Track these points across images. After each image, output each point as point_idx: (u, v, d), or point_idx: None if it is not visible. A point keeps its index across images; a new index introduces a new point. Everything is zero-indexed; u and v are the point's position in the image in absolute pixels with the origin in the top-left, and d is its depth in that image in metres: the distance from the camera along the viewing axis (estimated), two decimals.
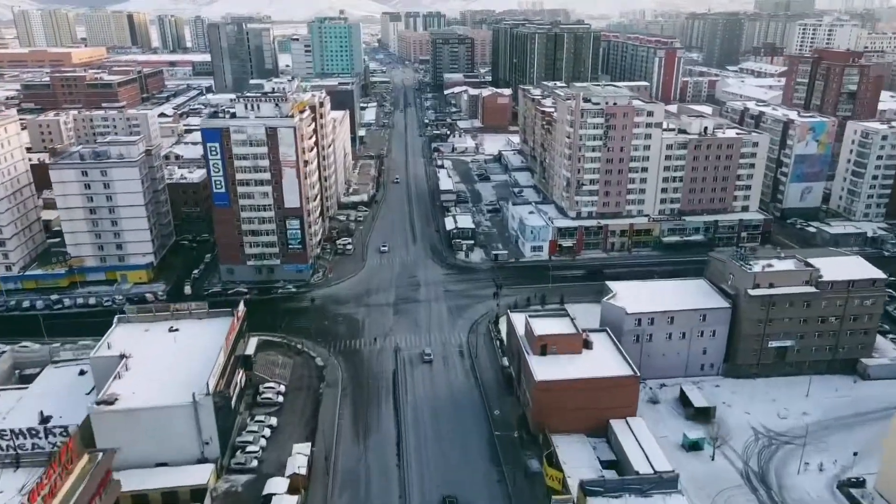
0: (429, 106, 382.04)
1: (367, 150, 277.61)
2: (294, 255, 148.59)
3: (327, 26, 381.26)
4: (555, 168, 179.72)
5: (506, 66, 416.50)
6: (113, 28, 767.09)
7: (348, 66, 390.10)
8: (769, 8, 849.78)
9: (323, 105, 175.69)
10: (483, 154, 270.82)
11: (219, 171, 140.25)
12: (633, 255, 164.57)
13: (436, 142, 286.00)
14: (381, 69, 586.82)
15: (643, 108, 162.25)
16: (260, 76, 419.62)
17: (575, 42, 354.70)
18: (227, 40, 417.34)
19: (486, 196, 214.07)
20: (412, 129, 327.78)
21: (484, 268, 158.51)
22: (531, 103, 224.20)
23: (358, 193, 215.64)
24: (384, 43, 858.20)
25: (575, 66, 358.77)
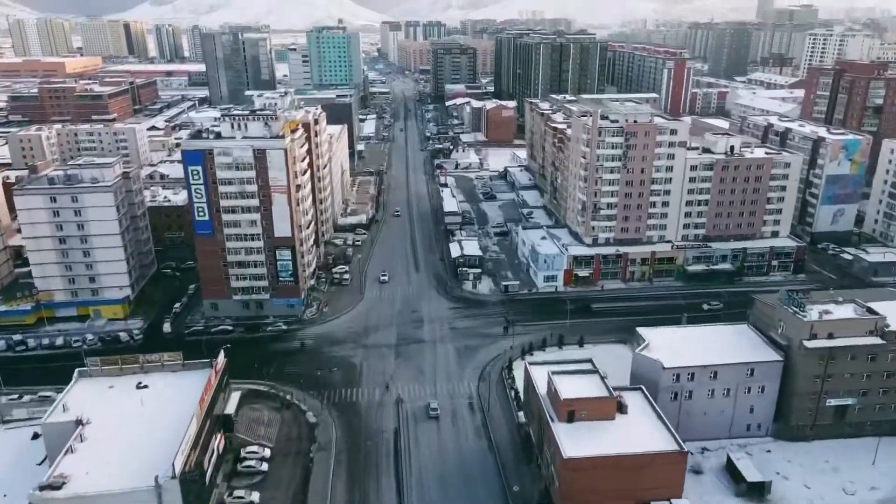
0: (430, 118, 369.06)
1: (366, 166, 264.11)
2: (285, 289, 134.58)
3: (325, 36, 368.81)
4: (568, 190, 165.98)
5: (509, 76, 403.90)
6: (109, 37, 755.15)
7: (347, 77, 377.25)
8: (772, 17, 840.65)
9: (318, 122, 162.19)
10: (488, 170, 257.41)
11: (201, 197, 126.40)
12: (654, 285, 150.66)
13: (438, 157, 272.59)
14: (380, 79, 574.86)
15: (666, 125, 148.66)
16: (256, 87, 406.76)
17: (581, 53, 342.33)
18: (222, 50, 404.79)
19: (493, 217, 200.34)
20: (413, 143, 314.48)
21: (493, 300, 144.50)
22: (540, 118, 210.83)
23: (356, 214, 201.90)
24: (384, 52, 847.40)
25: (581, 78, 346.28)
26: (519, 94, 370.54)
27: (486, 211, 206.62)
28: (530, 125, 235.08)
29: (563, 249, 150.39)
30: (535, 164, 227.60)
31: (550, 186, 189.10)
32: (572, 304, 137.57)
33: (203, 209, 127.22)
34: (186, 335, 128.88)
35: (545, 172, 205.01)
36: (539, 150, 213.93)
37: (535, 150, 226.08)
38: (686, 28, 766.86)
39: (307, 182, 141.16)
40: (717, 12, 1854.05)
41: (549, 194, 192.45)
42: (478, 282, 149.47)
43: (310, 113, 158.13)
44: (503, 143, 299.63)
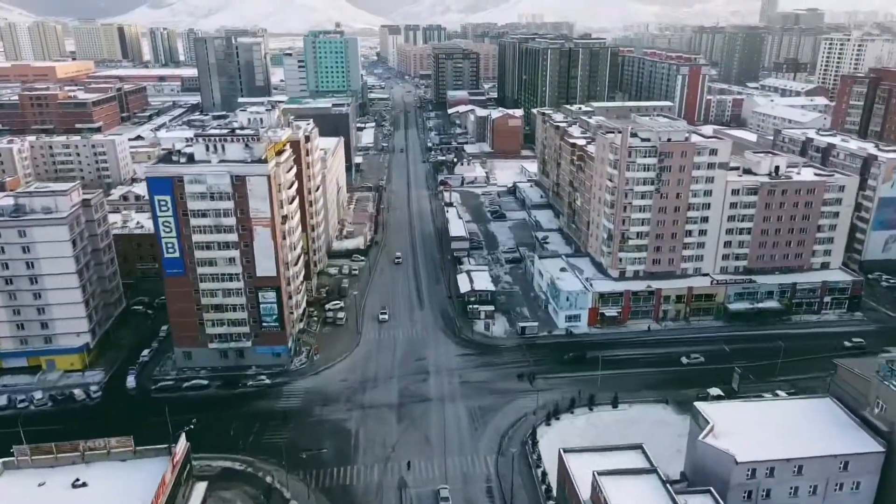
0: (431, 126, 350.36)
1: (364, 180, 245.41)
2: (269, 336, 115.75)
3: (321, 41, 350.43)
4: (590, 215, 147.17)
5: (513, 83, 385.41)
6: (103, 41, 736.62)
7: (344, 84, 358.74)
8: (778, 21, 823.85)
9: (310, 139, 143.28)
10: (495, 185, 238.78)
11: (171, 231, 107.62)
12: (691, 325, 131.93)
13: (441, 170, 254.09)
14: (379, 84, 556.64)
15: (705, 145, 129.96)
16: (250, 93, 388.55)
17: (590, 58, 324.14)
18: (214, 55, 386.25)
19: (504, 240, 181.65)
20: (414, 154, 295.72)
21: (509, 345, 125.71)
22: (554, 132, 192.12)
23: (353, 237, 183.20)
24: (383, 56, 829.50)
25: (590, 85, 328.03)
26: (525, 102, 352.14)
27: (495, 233, 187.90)
28: (542, 138, 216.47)
29: (588, 285, 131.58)
30: (547, 180, 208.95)
31: (568, 209, 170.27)
32: (599, 349, 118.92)
33: (173, 245, 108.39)
34: (153, 391, 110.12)
35: (560, 191, 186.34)
36: (553, 165, 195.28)
37: (547, 166, 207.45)
38: (691, 32, 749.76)
39: (295, 211, 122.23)
40: (717, 16, 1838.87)
41: (565, 217, 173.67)
42: (491, 322, 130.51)
43: (300, 129, 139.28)
44: (510, 154, 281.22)
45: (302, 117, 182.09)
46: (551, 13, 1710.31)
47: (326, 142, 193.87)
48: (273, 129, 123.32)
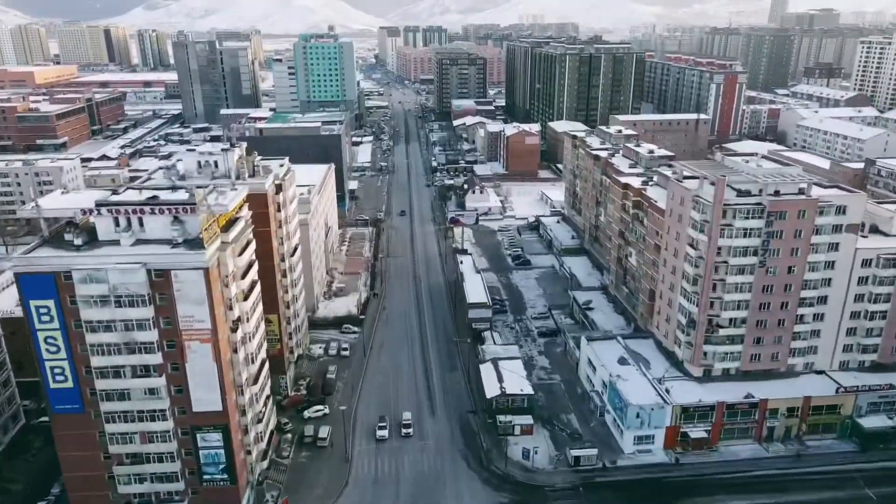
0: (435, 140, 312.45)
1: (359, 211, 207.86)
2: (215, 493, 78.33)
3: (313, 46, 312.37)
4: (658, 287, 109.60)
5: (525, 91, 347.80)
6: (88, 44, 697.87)
7: (339, 93, 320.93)
8: (791, 22, 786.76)
9: (283, 188, 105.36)
10: (513, 217, 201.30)
11: (58, 352, 70.23)
12: (809, 451, 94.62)
13: (448, 197, 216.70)
14: (377, 90, 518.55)
15: (831, 201, 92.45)
16: (236, 103, 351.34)
17: (613, 65, 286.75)
18: (196, 61, 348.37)
19: (531, 297, 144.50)
20: (417, 175, 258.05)
21: (557, 483, 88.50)
22: (591, 162, 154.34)
23: (344, 294, 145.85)
24: (381, 59, 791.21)
25: (613, 94, 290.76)
26: (539, 114, 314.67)
27: (519, 287, 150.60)
28: (572, 166, 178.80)
29: (665, 394, 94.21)
30: (579, 218, 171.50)
31: (617, 265, 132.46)
32: (684, 495, 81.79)
33: (62, 371, 71.01)
34: None
35: (601, 237, 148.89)
36: (589, 203, 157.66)
37: (580, 202, 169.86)
38: (702, 33, 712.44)
39: (254, 308, 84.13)
40: (718, 16, 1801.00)
41: (612, 275, 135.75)
42: (533, 453, 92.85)
43: (270, 176, 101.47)
44: (527, 176, 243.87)
45: (282, 145, 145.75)
46: (552, 14, 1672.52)
47: (313, 173, 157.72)
48: (226, 187, 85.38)
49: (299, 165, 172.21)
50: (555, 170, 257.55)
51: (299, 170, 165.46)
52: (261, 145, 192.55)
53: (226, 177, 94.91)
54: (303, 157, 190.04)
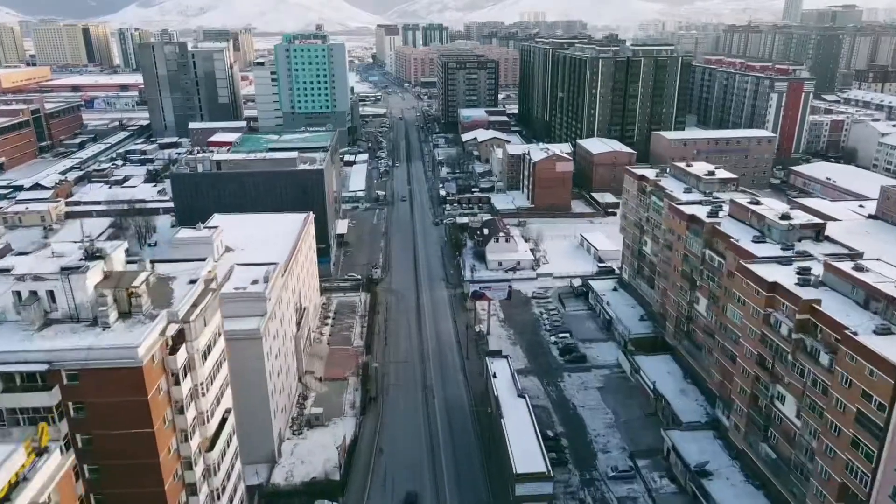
0: (442, 159, 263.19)
1: (349, 263, 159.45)
2: None
3: (298, 48, 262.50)
4: (819, 456, 60.81)
5: (544, 100, 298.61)
6: (66, 44, 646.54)
7: (328, 103, 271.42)
8: (811, 19, 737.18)
9: (188, 337, 55.96)
10: (549, 274, 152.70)
11: None
12: None
13: (462, 242, 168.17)
14: (374, 94, 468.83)
15: None
16: (211, 114, 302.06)
17: (655, 71, 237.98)
18: (165, 66, 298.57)
19: (599, 429, 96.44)
20: (422, 207, 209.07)
21: None
22: (684, 224, 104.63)
23: (321, 423, 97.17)
24: (379, 59, 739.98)
25: (654, 105, 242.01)
26: (563, 127, 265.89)
27: (577, 406, 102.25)
28: (636, 216, 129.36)
29: None
30: (647, 288, 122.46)
31: (752, 409, 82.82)
32: None
33: None
34: None
35: (700, 337, 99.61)
36: (676, 282, 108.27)
37: (655, 271, 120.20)
38: (721, 32, 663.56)
39: None
40: (722, 13, 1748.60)
41: (742, 421, 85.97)
42: None
43: (152, 328, 52.10)
44: (558, 210, 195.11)
45: (245, 186, 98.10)
46: (553, 12, 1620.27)
47: (280, 236, 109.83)
48: None
49: (266, 216, 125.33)
50: (589, 200, 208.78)
51: (263, 223, 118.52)
52: (218, 186, 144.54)
53: (71, 319, 46.56)
54: (274, 201, 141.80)
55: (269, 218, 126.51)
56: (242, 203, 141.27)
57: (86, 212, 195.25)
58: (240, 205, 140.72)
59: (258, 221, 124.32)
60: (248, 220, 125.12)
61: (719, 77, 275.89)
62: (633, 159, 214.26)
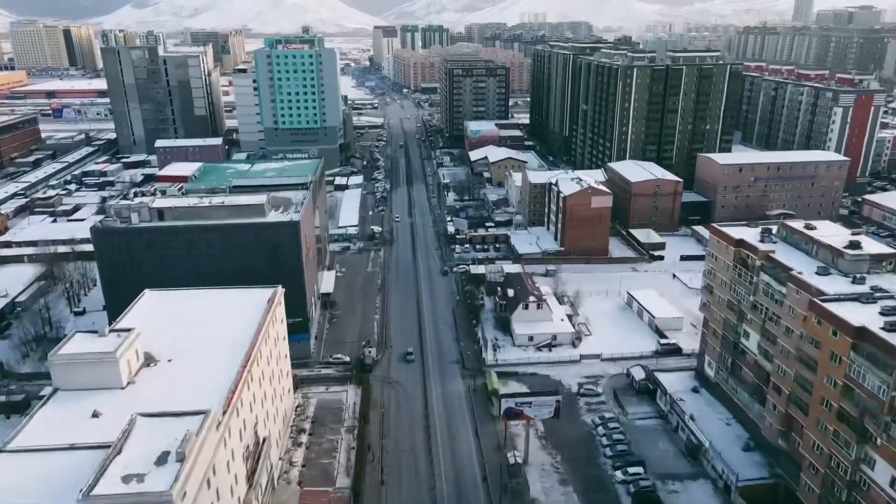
0: (448, 182, 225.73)
1: (335, 332, 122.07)
2: None
3: (281, 55, 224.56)
4: None
5: (562, 113, 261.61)
6: (46, 46, 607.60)
7: (316, 118, 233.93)
8: (827, 20, 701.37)
9: None
10: (593, 350, 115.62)
11: None
12: None
13: (480, 305, 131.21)
14: (370, 101, 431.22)
15: None
16: (187, 127, 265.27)
17: (698, 81, 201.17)
18: (132, 73, 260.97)
19: None
20: (426, 248, 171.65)
21: None
22: (839, 336, 67.57)
23: None
24: (377, 63, 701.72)
25: (696, 121, 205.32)
26: (588, 145, 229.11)
27: None
28: (732, 296, 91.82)
29: None
30: (753, 403, 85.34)
31: None
32: None
33: None
34: None
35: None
36: (820, 417, 71.28)
37: (766, 382, 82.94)
38: (734, 33, 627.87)
39: None
40: (724, 14, 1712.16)
41: None
42: None
43: None
44: (593, 254, 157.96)
45: (193, 242, 61.81)
46: (553, 13, 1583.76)
47: (237, 325, 73.62)
48: None
49: (219, 293, 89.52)
50: (627, 239, 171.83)
51: (213, 304, 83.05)
52: (157, 246, 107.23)
53: None
54: (233, 266, 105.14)
55: (222, 296, 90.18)
56: (190, 269, 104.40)
57: (17, 256, 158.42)
58: (186, 272, 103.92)
59: (206, 301, 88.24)
60: (192, 299, 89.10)
61: (765, 87, 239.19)
62: (680, 188, 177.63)
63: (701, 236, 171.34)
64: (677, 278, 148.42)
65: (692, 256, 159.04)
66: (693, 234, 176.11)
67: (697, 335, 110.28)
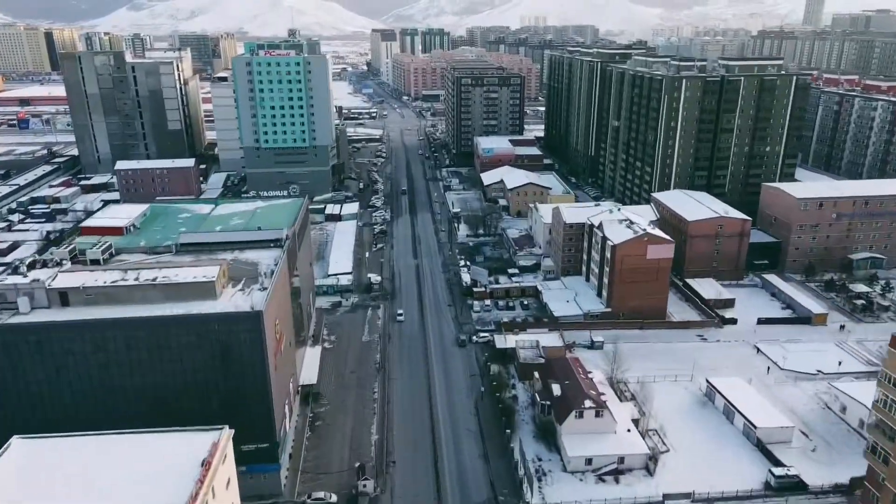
0: (459, 212, 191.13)
1: (319, 465, 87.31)
2: None
3: (262, 62, 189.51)
4: None
5: (587, 130, 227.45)
6: (27, 49, 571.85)
7: (304, 136, 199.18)
8: (843, 24, 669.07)
9: None
10: (680, 489, 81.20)
11: None
12: None
13: (512, 407, 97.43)
14: (368, 110, 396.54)
15: None
16: (160, 144, 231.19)
17: (759, 96, 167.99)
18: (96, 82, 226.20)
19: None
20: (436, 305, 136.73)
21: None
22: None
23: None
24: (375, 67, 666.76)
25: (755, 145, 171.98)
26: (621, 168, 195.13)
27: None
28: None
29: None
30: None
31: None
32: None
33: None
34: None
35: None
36: None
37: None
38: (750, 38, 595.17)
39: None
40: (724, 17, 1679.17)
41: None
42: None
43: None
44: (647, 318, 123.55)
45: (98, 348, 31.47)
46: (553, 16, 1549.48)
47: None
48: None
49: (133, 440, 57.19)
50: (683, 291, 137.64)
51: (122, 460, 47.85)
52: (48, 353, 72.11)
53: None
54: (164, 377, 70.96)
55: (137, 444, 56.22)
56: (100, 387, 70.46)
57: None
58: (94, 391, 70.06)
59: (112, 457, 54.44)
60: (85, 454, 55.23)
61: (824, 100, 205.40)
62: (748, 228, 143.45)
63: (774, 287, 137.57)
64: (762, 353, 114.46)
65: (773, 320, 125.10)
66: (763, 284, 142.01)
67: (813, 451, 76.61)
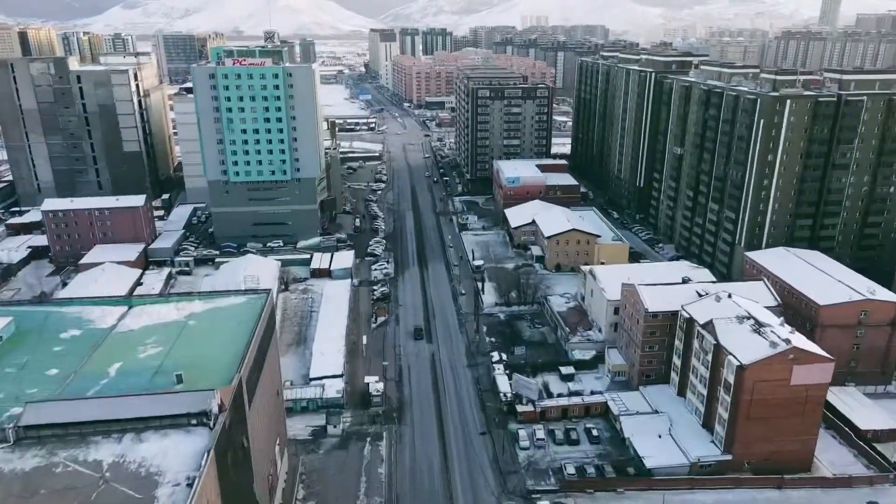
0: (482, 266, 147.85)
1: None
2: None
3: (230, 72, 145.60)
4: None
5: (636, 156, 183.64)
6: None
7: (284, 169, 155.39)
8: (867, 25, 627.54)
9: None
10: None
11: None
12: None
13: None
14: (366, 120, 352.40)
15: None
16: (113, 170, 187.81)
17: (885, 121, 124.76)
18: (34, 95, 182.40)
19: None
20: (463, 428, 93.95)
21: None
22: None
23: None
24: (373, 70, 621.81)
25: (875, 185, 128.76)
26: (687, 209, 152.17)
27: None
28: None
29: None
30: None
31: None
32: None
33: None
34: None
35: None
36: None
37: None
38: (772, 38, 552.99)
39: None
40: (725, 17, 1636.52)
41: None
42: None
43: None
44: (787, 469, 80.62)
45: None
46: (554, 15, 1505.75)
47: None
48: None
49: None
50: None
51: None
52: None
53: None
54: None
55: None
56: None
57: None
58: None
59: None
60: None
61: None
62: None
63: None
64: None
65: None
66: None
67: None
